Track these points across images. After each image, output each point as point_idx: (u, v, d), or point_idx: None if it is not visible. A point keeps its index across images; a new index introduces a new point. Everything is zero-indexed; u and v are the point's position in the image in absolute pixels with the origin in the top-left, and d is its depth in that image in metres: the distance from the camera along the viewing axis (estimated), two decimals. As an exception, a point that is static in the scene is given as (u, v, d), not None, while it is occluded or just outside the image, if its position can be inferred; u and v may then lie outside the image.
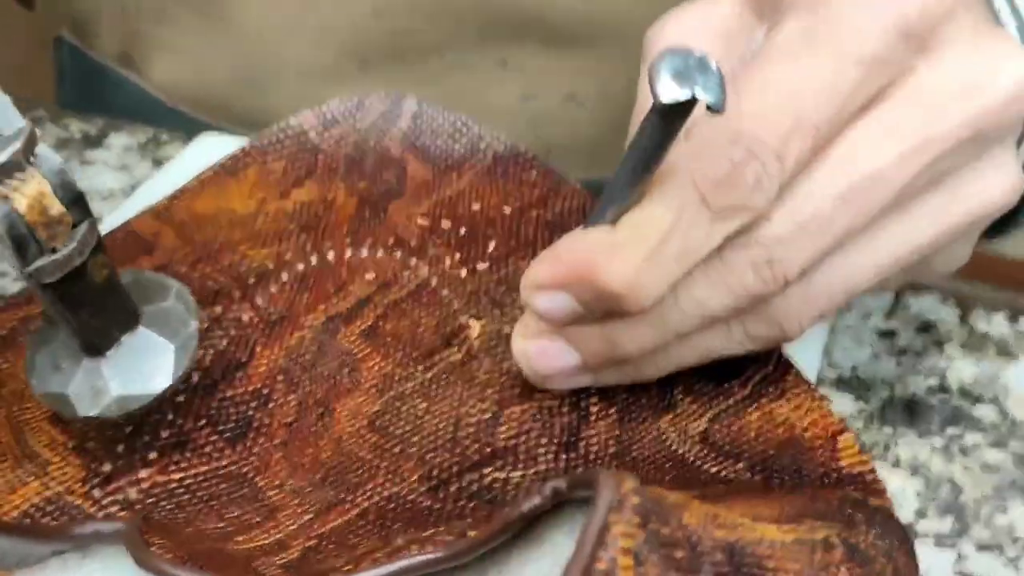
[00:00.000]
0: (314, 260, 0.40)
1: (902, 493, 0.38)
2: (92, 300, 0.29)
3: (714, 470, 0.32)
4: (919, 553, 0.30)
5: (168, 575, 0.27)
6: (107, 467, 0.32)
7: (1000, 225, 0.43)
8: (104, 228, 0.44)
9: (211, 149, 0.49)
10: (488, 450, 0.33)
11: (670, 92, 0.26)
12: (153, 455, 0.33)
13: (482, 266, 0.40)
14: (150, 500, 0.31)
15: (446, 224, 0.42)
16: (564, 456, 0.33)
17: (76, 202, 0.28)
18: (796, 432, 0.34)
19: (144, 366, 0.31)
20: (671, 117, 0.27)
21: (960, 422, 0.41)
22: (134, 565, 0.30)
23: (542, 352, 0.33)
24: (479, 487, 0.32)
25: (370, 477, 0.32)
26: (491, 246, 0.41)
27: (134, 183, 0.50)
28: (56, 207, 0.27)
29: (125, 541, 0.28)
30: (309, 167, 0.44)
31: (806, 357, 0.39)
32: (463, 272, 0.40)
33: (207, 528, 0.30)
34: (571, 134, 0.57)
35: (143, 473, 0.32)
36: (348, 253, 0.40)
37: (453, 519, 0.30)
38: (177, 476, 0.32)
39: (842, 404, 0.41)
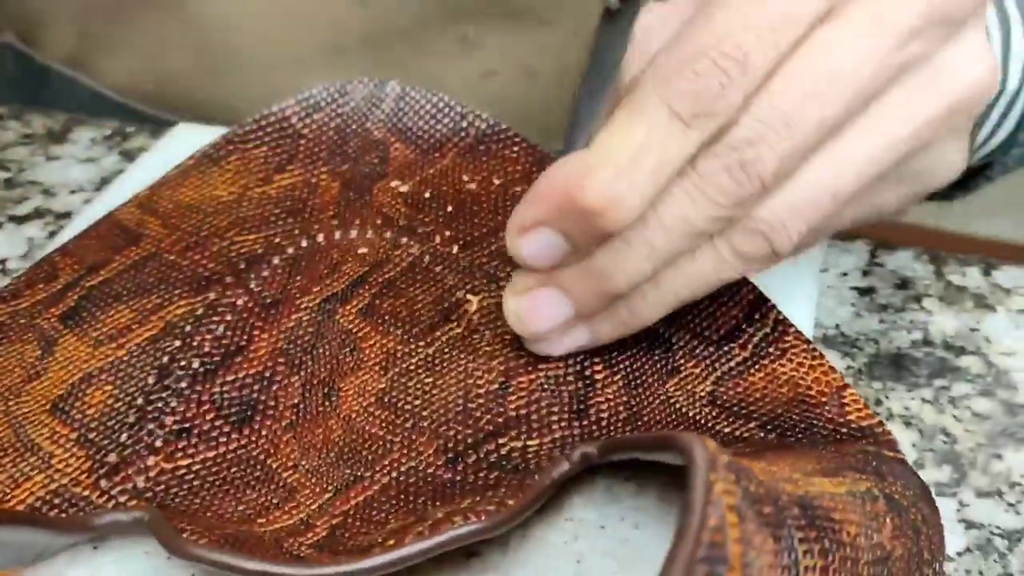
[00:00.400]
0: (304, 243, 0.39)
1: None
2: None
3: (727, 430, 0.32)
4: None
5: (205, 559, 0.26)
6: (112, 457, 0.31)
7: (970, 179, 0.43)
8: (81, 222, 0.42)
9: (187, 140, 0.47)
10: (500, 420, 0.32)
11: None
12: (159, 443, 0.31)
13: (473, 242, 0.39)
14: (160, 488, 0.30)
15: (433, 203, 0.41)
16: (577, 423, 0.32)
17: None
18: (801, 389, 0.33)
19: None
20: (619, 18, 0.28)
21: (946, 374, 0.41)
22: (146, 557, 0.29)
23: (533, 307, 0.33)
24: (497, 457, 0.31)
25: (385, 453, 0.31)
26: (479, 222, 0.40)
27: (104, 175, 0.49)
28: None
29: (152, 529, 0.27)
30: (291, 153, 0.43)
31: (798, 317, 0.38)
32: (454, 248, 0.39)
33: (226, 512, 0.29)
34: (530, 108, 0.57)
35: (150, 461, 0.31)
36: (337, 235, 0.39)
37: (477, 490, 0.29)
38: (185, 463, 0.31)
39: (831, 361, 0.41)
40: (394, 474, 0.30)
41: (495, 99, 0.56)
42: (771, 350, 0.35)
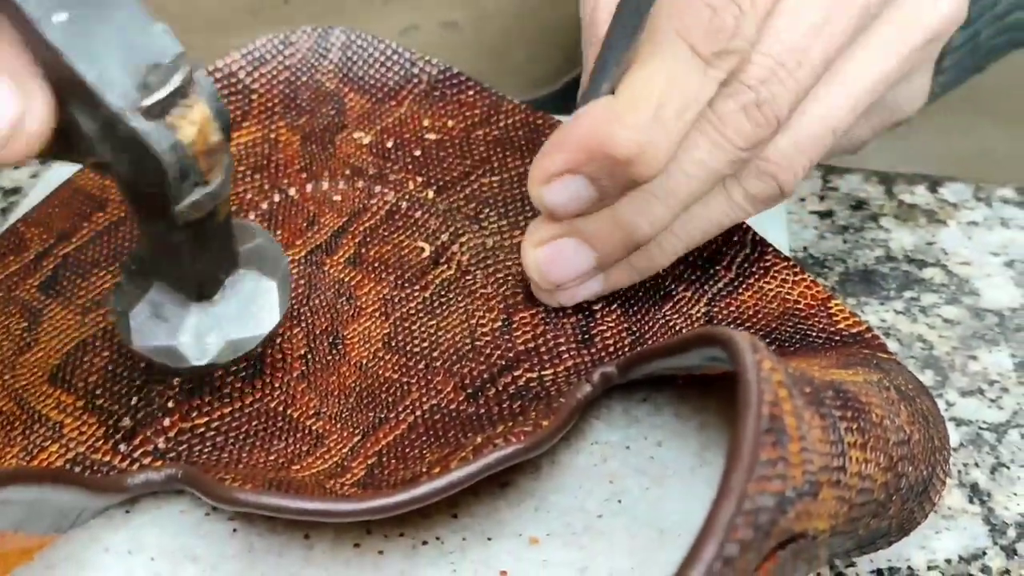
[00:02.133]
0: (277, 198, 0.39)
1: (882, 355, 0.40)
2: (214, 239, 0.28)
3: (732, 345, 0.34)
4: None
5: (253, 504, 0.26)
6: (126, 421, 0.31)
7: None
8: (37, 195, 0.42)
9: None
10: (511, 355, 0.34)
11: None
12: (171, 404, 0.32)
13: (446, 186, 0.40)
14: (182, 447, 0.31)
15: (398, 151, 0.42)
16: (586, 351, 0.34)
17: (225, 128, 0.26)
18: (789, 304, 0.36)
19: (251, 306, 0.30)
20: None
21: (913, 286, 0.44)
22: (182, 515, 0.30)
23: (555, 257, 0.34)
24: (516, 388, 0.32)
25: (404, 394, 0.32)
26: (448, 166, 0.41)
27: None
28: (217, 134, 0.26)
29: (190, 482, 0.28)
30: (244, 110, 0.43)
31: (773, 239, 0.40)
32: (429, 193, 0.40)
33: (258, 463, 0.30)
34: (453, 60, 0.58)
35: (166, 422, 0.31)
36: (309, 188, 0.40)
37: (505, 418, 0.31)
38: (202, 421, 0.32)
39: (808, 280, 0.43)
40: (418, 413, 0.32)
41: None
42: (754, 269, 0.37)
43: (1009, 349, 0.41)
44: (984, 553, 0.34)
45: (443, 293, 0.36)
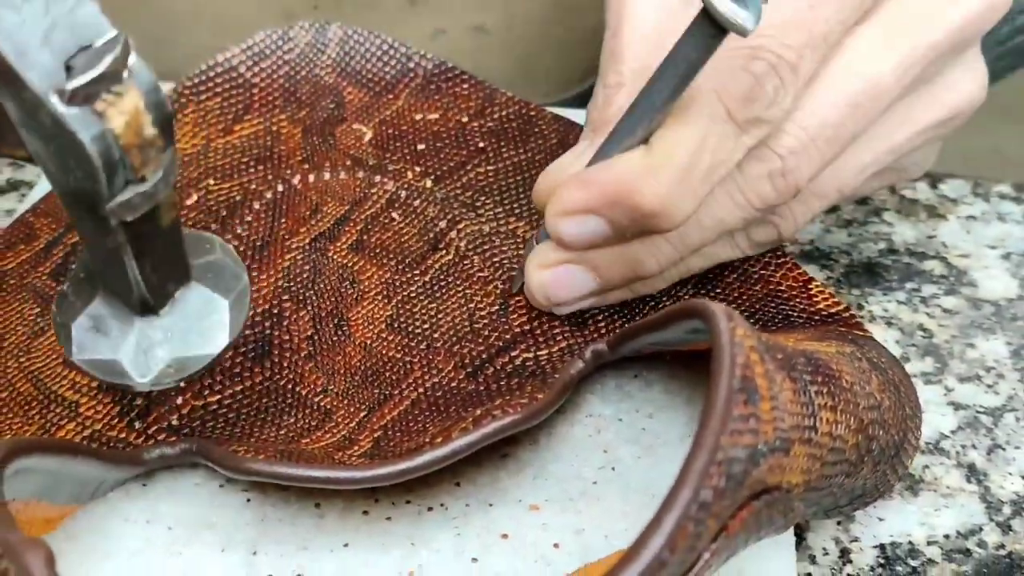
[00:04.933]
0: (280, 187, 0.44)
1: (883, 343, 0.44)
2: (158, 246, 0.28)
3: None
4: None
5: (266, 473, 0.31)
6: (140, 400, 0.36)
7: None
8: (44, 186, 0.46)
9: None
10: (508, 336, 0.38)
11: (734, 12, 0.29)
12: (182, 383, 0.36)
13: (444, 176, 0.45)
14: (196, 423, 0.35)
15: (396, 142, 0.47)
16: (579, 333, 0.38)
17: (165, 124, 0.26)
18: (772, 286, 0.40)
19: (200, 324, 0.30)
20: (721, 37, 0.30)
21: (914, 277, 0.48)
22: (197, 488, 0.34)
23: (559, 279, 0.37)
24: (513, 367, 0.37)
25: (407, 373, 0.37)
26: (445, 157, 0.46)
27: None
28: (150, 128, 0.25)
29: (204, 454, 0.32)
30: (246, 103, 0.48)
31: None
32: (427, 183, 0.45)
33: (268, 437, 0.34)
34: (481, 64, 0.62)
35: (179, 400, 0.36)
36: (311, 178, 0.44)
37: (503, 393, 0.35)
38: (214, 399, 0.36)
39: (811, 273, 0.47)
40: (420, 390, 0.36)
41: (446, 56, 0.61)
42: None
43: (1005, 337, 0.45)
44: (981, 529, 0.38)
45: (442, 277, 0.40)
